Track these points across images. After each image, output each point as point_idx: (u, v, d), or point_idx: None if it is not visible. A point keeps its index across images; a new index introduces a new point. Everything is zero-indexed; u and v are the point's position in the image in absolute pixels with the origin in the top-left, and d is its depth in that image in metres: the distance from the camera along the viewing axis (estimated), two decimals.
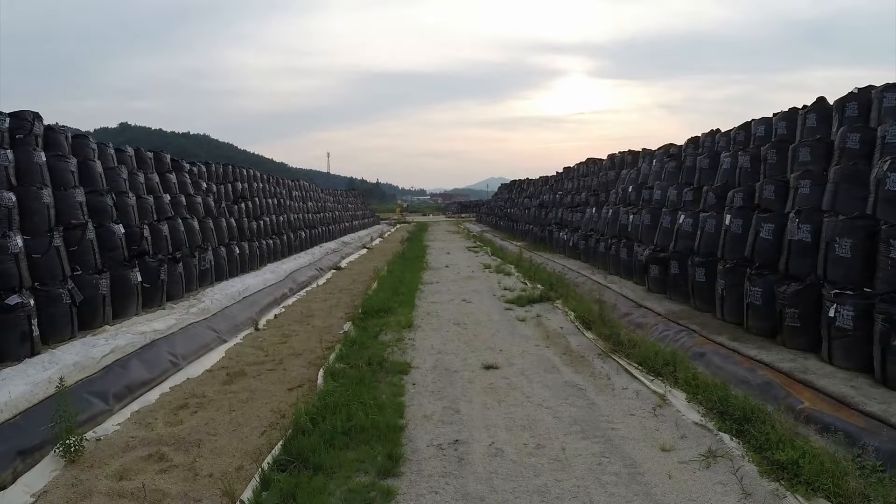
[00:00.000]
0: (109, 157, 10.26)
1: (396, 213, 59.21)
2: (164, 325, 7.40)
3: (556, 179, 21.46)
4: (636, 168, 13.52)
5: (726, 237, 7.60)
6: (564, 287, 9.43)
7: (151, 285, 8.42)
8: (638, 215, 10.54)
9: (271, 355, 6.17)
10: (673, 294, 8.26)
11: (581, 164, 19.11)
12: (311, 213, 21.32)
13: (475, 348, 6.17)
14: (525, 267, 12.32)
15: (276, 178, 20.60)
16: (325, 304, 9.43)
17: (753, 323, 6.42)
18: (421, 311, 8.28)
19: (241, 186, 15.68)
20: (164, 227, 9.58)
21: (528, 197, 25.55)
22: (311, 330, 7.37)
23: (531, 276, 11.25)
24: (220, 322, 8.20)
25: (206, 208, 12.14)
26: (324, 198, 27.02)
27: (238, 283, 10.50)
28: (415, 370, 5.29)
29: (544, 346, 6.26)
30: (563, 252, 15.06)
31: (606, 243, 11.31)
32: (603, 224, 12.45)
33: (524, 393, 4.59)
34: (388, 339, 6.50)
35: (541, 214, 19.68)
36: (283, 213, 17.51)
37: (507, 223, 27.15)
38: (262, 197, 16.72)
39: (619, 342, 5.70)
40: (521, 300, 8.91)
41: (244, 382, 5.20)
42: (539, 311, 8.35)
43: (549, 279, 10.28)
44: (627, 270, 10.16)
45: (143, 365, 6.26)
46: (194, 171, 13.22)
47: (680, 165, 11.09)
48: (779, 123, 9.10)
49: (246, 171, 17.08)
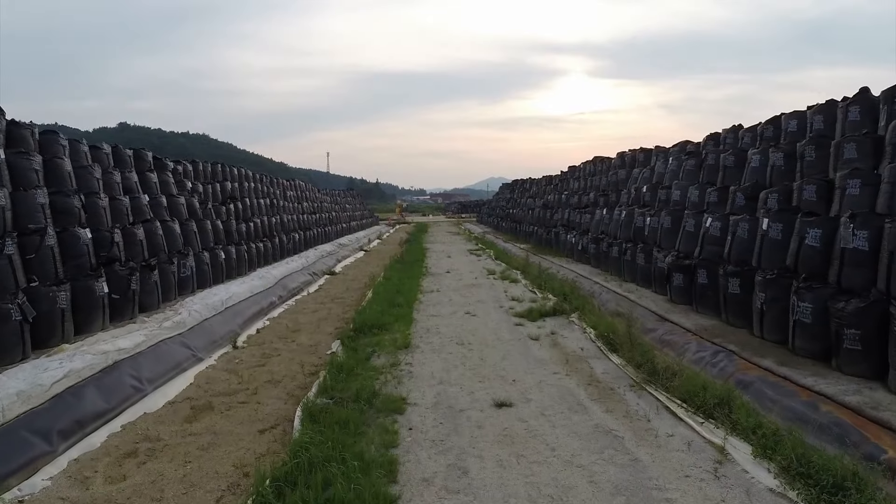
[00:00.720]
0: (82, 154, 9.44)
1: (396, 214, 58.36)
2: (130, 343, 6.58)
3: (562, 179, 20.61)
4: (649, 167, 12.70)
5: (763, 243, 6.77)
6: (580, 298, 8.56)
7: (121, 296, 7.59)
8: (656, 217, 9.71)
9: (246, 382, 5.33)
10: (700, 306, 7.43)
11: (588, 163, 18.28)
12: (307, 214, 20.49)
13: (483, 377, 5.33)
14: (533, 273, 11.48)
15: (270, 178, 19.77)
16: (314, 317, 8.59)
17: (801, 343, 5.59)
18: (420, 328, 7.45)
19: (231, 186, 14.85)
20: (139, 231, 8.75)
21: (531, 197, 24.71)
22: (296, 349, 6.54)
23: (541, 285, 10.41)
24: (196, 337, 7.37)
25: (190, 210, 11.32)
26: (320, 198, 26.19)
27: (222, 291, 9.67)
28: (412, 408, 4.45)
29: (564, 373, 5.39)
30: (570, 255, 14.23)
31: (620, 248, 10.48)
32: (615, 226, 11.62)
33: (547, 443, 3.73)
34: (381, 363, 5.67)
35: (545, 215, 18.84)
36: (276, 215, 16.68)
37: (509, 224, 26.31)
38: (253, 197, 15.88)
39: (654, 370, 4.84)
40: (533, 314, 8.08)
41: (209, 420, 4.37)
42: (553, 327, 7.50)
43: (562, 288, 9.42)
44: (645, 278, 9.33)
45: (99, 393, 5.44)
46: (179, 169, 12.39)
47: (700, 163, 10.26)
48: (814, 117, 8.27)
49: (237, 171, 16.25)
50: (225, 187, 14.37)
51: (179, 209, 10.88)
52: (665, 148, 13.08)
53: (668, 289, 8.23)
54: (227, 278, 11.12)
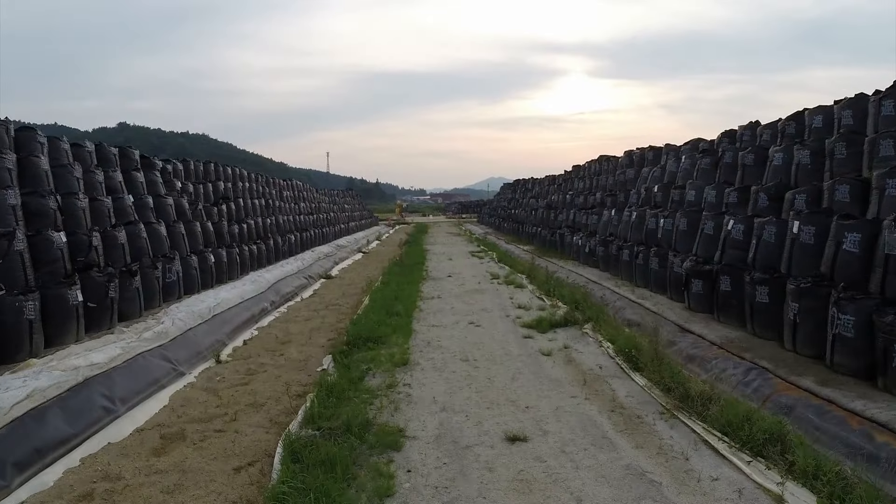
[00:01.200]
0: (63, 152, 8.92)
1: (396, 214, 57.82)
2: (104, 357, 6.03)
3: (566, 179, 20.05)
4: (660, 166, 12.15)
5: (793, 248, 6.23)
6: (593, 307, 7.97)
7: (98, 304, 7.05)
8: (670, 219, 9.17)
9: (225, 405, 4.78)
10: (723, 315, 6.88)
11: (593, 162, 17.73)
12: (304, 215, 19.94)
13: (492, 402, 4.73)
14: (540, 278, 10.91)
15: (266, 178, 19.23)
16: (306, 326, 8.03)
17: (842, 360, 5.04)
18: (419, 340, 6.86)
19: (224, 186, 14.32)
20: (120, 234, 8.20)
21: (533, 197, 24.15)
22: (284, 365, 5.98)
23: (549, 291, 9.84)
24: (178, 349, 6.83)
25: (179, 211, 10.78)
26: (318, 198, 25.64)
27: (210, 298, 9.13)
28: (411, 442, 3.86)
29: (583, 397, 4.79)
30: (576, 258, 13.68)
31: (631, 251, 9.93)
32: (625, 228, 11.08)
33: (572, 492, 3.14)
34: (376, 383, 5.10)
35: (549, 216, 18.29)
36: (272, 216, 16.14)
37: (511, 225, 25.74)
38: (247, 198, 15.35)
39: (687, 394, 4.27)
40: (542, 324, 7.47)
41: (178, 453, 3.82)
42: (566, 339, 6.91)
43: (573, 295, 8.82)
44: (660, 283, 8.78)
45: (64, 416, 4.91)
46: (168, 169, 11.85)
47: (716, 162, 9.72)
48: (843, 112, 7.73)
49: (231, 170, 15.72)
50: (217, 187, 13.84)
51: (167, 210, 10.34)
52: (676, 146, 12.54)
53: (685, 296, 7.68)
54: (218, 283, 10.58)
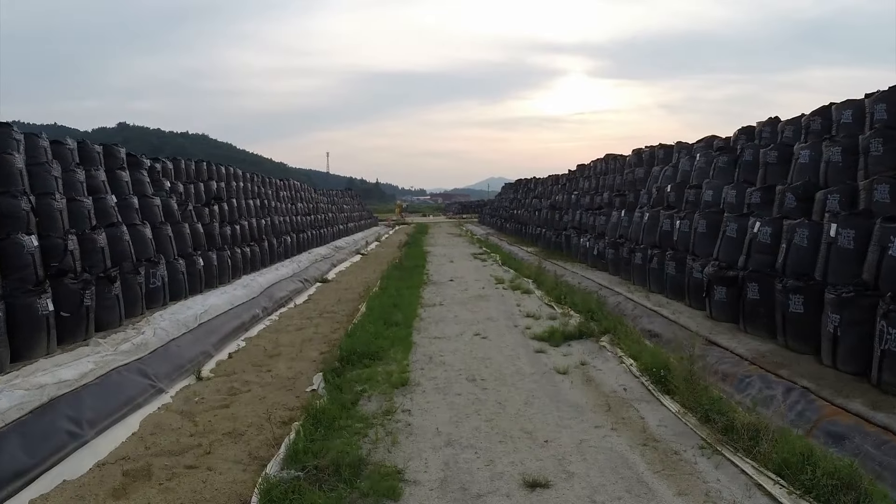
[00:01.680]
0: (41, 150, 8.38)
1: (395, 214, 57.25)
2: (75, 373, 5.50)
3: (570, 178, 19.50)
4: (671, 164, 11.61)
5: (830, 253, 5.69)
6: (608, 316, 7.39)
7: (72, 314, 6.51)
8: (687, 220, 8.62)
9: (201, 433, 4.24)
10: (750, 326, 6.34)
11: (599, 161, 17.19)
12: (301, 216, 19.40)
13: (505, 433, 4.13)
14: (548, 284, 10.34)
15: (262, 177, 18.68)
16: (298, 337, 7.48)
17: (893, 379, 4.51)
18: (420, 355, 6.27)
19: (217, 186, 13.77)
20: (100, 237, 7.66)
21: (536, 197, 23.60)
22: (270, 383, 5.43)
23: (559, 297, 9.27)
24: (158, 363, 6.29)
25: (167, 212, 10.23)
26: (316, 198, 25.10)
27: (198, 304, 8.59)
28: (411, 488, 3.28)
29: (609, 426, 4.21)
30: (583, 261, 13.13)
31: (645, 254, 9.39)
32: (636, 230, 10.53)
33: None
34: (371, 409, 4.54)
35: (553, 217, 17.74)
36: (267, 216, 15.59)
37: (513, 226, 25.19)
38: (241, 198, 14.81)
39: (732, 426, 3.70)
40: (555, 336, 6.86)
41: (140, 496, 3.29)
42: (582, 354, 6.33)
43: (586, 303, 8.22)
44: (676, 289, 8.24)
45: (24, 444, 4.39)
46: (157, 167, 11.31)
47: (735, 160, 9.18)
48: (875, 106, 7.18)
49: (224, 169, 15.18)
50: (210, 187, 13.30)
51: (153, 211, 9.79)
52: (688, 144, 12.01)
53: (707, 304, 7.13)
54: (208, 287, 10.04)
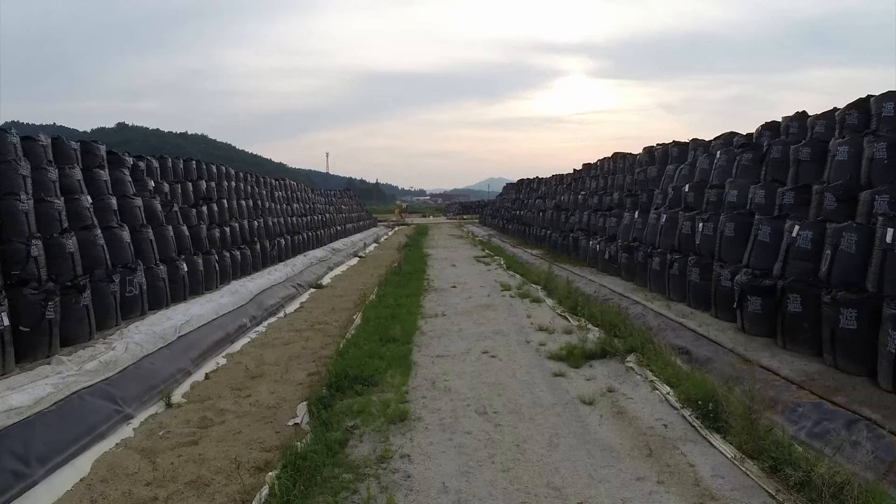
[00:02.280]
0: (10, 147, 7.68)
1: (395, 215, 56.50)
2: (28, 399, 4.82)
3: (576, 178, 18.80)
4: (687, 163, 10.93)
5: (885, 261, 5.01)
6: (631, 330, 6.63)
7: (33, 328, 5.84)
8: (711, 223, 7.94)
9: (160, 480, 3.55)
10: (790, 342, 5.66)
11: (606, 160, 16.50)
12: (297, 217, 18.71)
13: (527, 490, 3.36)
14: (560, 291, 9.59)
15: (256, 177, 17.97)
16: (284, 353, 6.77)
17: None
18: (422, 379, 5.51)
19: (207, 186, 13.07)
20: (69, 242, 6.97)
21: (540, 198, 22.89)
22: (248, 412, 4.73)
23: (574, 308, 8.53)
24: (128, 384, 5.60)
25: (149, 213, 9.54)
26: (314, 199, 24.39)
27: (179, 314, 7.91)
28: None
29: (654, 479, 3.46)
30: (593, 265, 12.43)
31: (664, 259, 8.70)
32: (651, 232, 9.85)
33: None
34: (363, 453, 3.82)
35: (559, 218, 17.04)
36: (260, 217, 14.90)
37: (516, 227, 24.47)
38: (233, 198, 14.11)
39: (808, 479, 3.00)
40: (574, 355, 6.05)
41: None
42: (608, 378, 5.52)
43: (605, 315, 7.50)
44: (701, 298, 7.56)
45: None
46: (140, 166, 10.61)
47: (760, 157, 8.50)
48: None
49: (216, 168, 14.47)
50: (199, 187, 12.60)
51: (134, 213, 9.10)
52: (705, 141, 11.33)
53: (738, 316, 6.45)
54: (192, 294, 9.36)
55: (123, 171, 9.71)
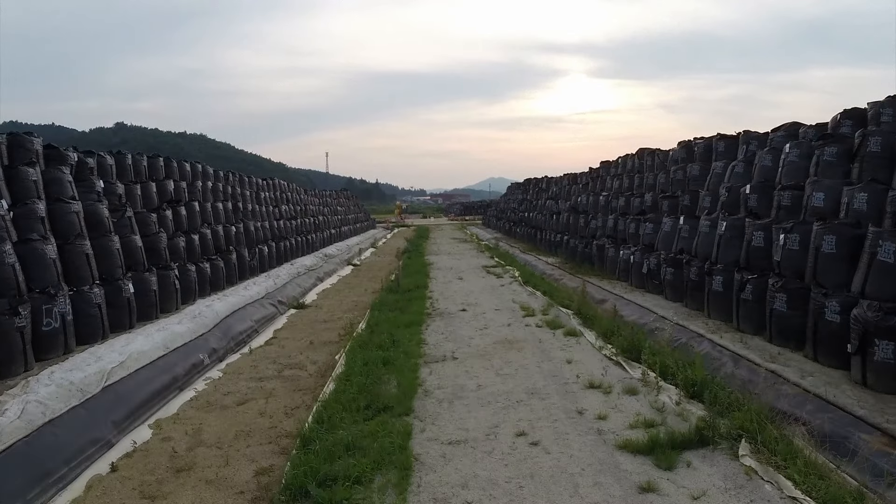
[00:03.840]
0: None
1: (395, 215, 54.71)
2: None
3: (593, 177, 17.02)
4: (741, 159, 9.20)
5: None
6: (719, 389, 4.77)
7: None
8: (793, 234, 6.21)
9: None
10: None
11: (629, 157, 14.76)
12: (285, 220, 16.96)
13: None
14: (602, 321, 7.63)
15: (240, 176, 16.22)
16: (235, 421, 4.83)
17: None
18: (427, 498, 3.54)
19: (175, 186, 11.34)
20: None
21: (551, 199, 21.12)
22: None
23: (631, 350, 6.32)
24: (6, 475, 3.89)
25: (93, 220, 7.81)
26: (306, 200, 22.63)
27: (115, 352, 6.18)
28: None
29: None
30: (624, 279, 10.69)
31: (730, 278, 6.97)
32: (705, 243, 8.12)
33: None
34: None
35: (577, 222, 15.24)
36: (240, 222, 13.17)
37: (525, 230, 22.64)
38: (208, 200, 12.38)
39: None
40: (659, 444, 4.04)
41: None
42: (724, 493, 3.52)
43: (680, 366, 5.30)
44: (787, 333, 5.83)
45: None
46: (89, 163, 8.89)
47: (849, 151, 6.78)
48: None
49: (189, 166, 12.75)
50: (165, 187, 10.86)
51: (69, 220, 7.37)
52: (758, 133, 9.60)
53: (861, 365, 4.72)
54: (143, 320, 7.64)
55: (62, 170, 7.97)
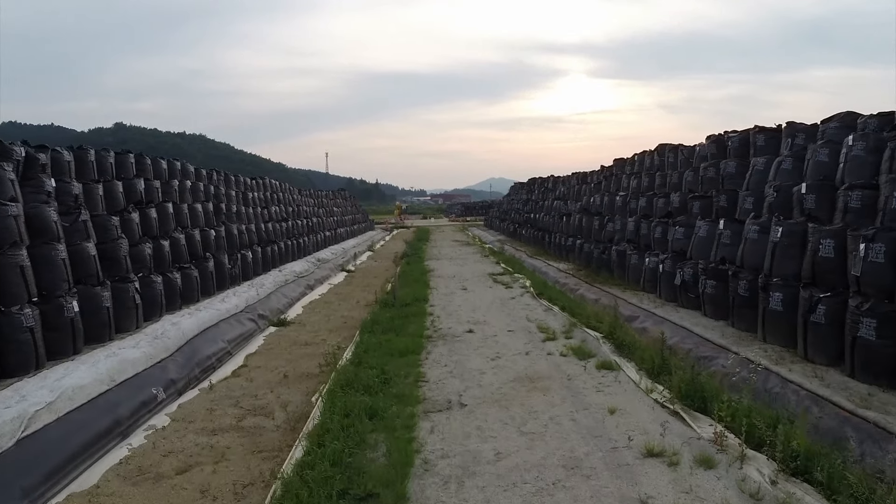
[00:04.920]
0: None
1: (395, 216, 53.46)
2: None
3: (606, 176, 15.81)
4: (788, 154, 8.03)
5: None
6: (830, 466, 3.54)
7: None
8: (877, 244, 5.03)
9: None
10: None
11: (648, 154, 13.57)
12: (275, 223, 15.77)
13: None
14: (643, 349, 6.35)
15: (225, 175, 15.03)
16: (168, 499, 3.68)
17: None
18: None
19: (146, 185, 10.15)
20: None
21: (559, 199, 19.90)
22: None
23: (687, 393, 4.99)
24: None
25: (37, 226, 6.65)
26: (300, 200, 21.44)
27: (45, 387, 5.01)
28: None
29: None
30: (651, 290, 9.49)
31: (793, 296, 5.79)
32: (752, 251, 6.95)
33: None
34: None
35: (590, 225, 14.00)
36: (221, 224, 12.00)
37: (531, 232, 21.36)
38: (186, 200, 11.20)
39: None
40: None
41: None
42: None
43: (794, 438, 3.75)
44: (880, 368, 4.66)
45: None
46: (40, 159, 7.71)
47: None
48: None
49: (166, 163, 11.58)
50: (133, 187, 9.67)
51: (6, 225, 6.20)
52: (805, 125, 8.42)
53: None
54: (91, 343, 6.47)
55: (4, 167, 6.79)
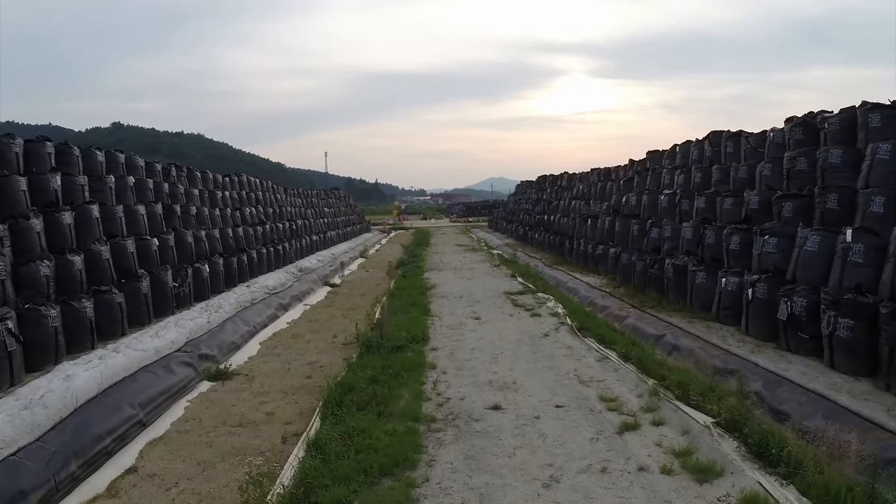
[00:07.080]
0: None
1: (394, 216, 50.93)
2: None
3: (639, 171, 13.41)
4: None
5: None
6: None
7: None
8: None
9: None
10: None
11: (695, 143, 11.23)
12: (247, 226, 13.37)
13: None
14: (810, 460, 3.59)
15: (188, 170, 12.66)
16: None
17: None
18: None
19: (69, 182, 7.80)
20: None
21: (577, 198, 17.51)
22: None
23: None
24: None
25: None
26: (283, 200, 19.04)
27: None
28: None
29: None
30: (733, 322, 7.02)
31: None
32: None
33: None
34: None
35: (625, 229, 11.54)
36: (169, 231, 9.63)
37: (544, 236, 18.77)
38: (122, 201, 8.83)
39: None
40: None
41: None
42: None
43: None
44: None
45: None
46: None
47: None
48: None
49: (103, 156, 9.26)
50: (45, 184, 7.33)
51: None
52: None
53: None
54: None
55: None
